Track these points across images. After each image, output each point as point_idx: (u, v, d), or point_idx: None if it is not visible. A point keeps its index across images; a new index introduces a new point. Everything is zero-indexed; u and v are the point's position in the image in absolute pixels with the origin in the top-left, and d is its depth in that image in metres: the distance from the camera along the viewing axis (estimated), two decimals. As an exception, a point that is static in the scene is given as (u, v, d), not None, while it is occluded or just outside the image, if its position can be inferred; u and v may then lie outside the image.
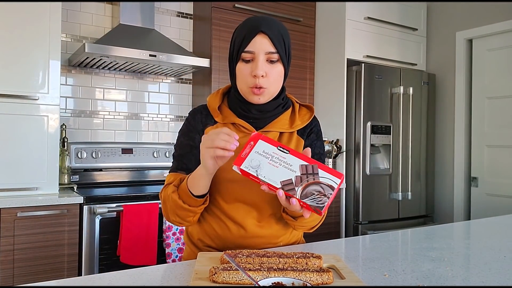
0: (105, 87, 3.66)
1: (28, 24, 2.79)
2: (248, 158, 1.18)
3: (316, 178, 1.14)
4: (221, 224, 1.45)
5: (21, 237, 2.63)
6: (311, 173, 1.15)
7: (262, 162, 1.17)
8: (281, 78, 1.45)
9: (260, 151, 1.19)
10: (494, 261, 1.40)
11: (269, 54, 1.38)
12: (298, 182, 1.14)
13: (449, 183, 4.33)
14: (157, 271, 1.21)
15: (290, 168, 1.16)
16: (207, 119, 1.51)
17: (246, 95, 1.43)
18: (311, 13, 4.25)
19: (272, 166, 1.17)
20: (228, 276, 1.04)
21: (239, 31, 1.43)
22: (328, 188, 1.13)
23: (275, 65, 1.40)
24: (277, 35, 1.39)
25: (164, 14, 3.90)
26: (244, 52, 1.39)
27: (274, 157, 1.18)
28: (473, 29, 4.13)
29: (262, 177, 1.16)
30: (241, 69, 1.41)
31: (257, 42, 1.38)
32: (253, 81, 1.38)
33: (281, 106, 1.50)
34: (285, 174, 1.16)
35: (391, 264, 1.33)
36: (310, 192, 1.13)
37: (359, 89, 3.89)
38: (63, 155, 3.25)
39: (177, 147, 1.54)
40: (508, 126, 3.89)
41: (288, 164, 1.17)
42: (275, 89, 1.44)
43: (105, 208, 2.83)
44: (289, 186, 1.14)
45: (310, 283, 1.03)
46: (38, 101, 2.83)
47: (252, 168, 1.17)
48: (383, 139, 3.96)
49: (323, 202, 1.12)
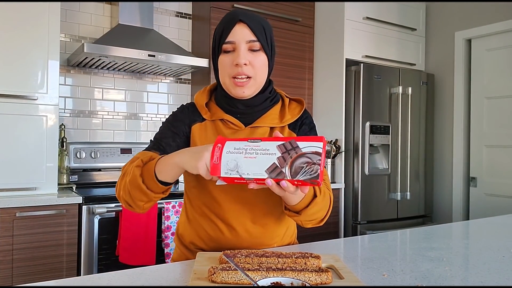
0: (104, 87, 3.66)
1: (27, 24, 2.79)
2: (223, 161, 1.08)
3: (299, 151, 1.04)
4: (213, 226, 1.42)
5: (20, 237, 2.63)
6: (292, 149, 1.05)
7: (239, 160, 1.07)
8: (266, 68, 1.40)
9: (231, 150, 1.08)
10: (493, 261, 1.40)
11: (250, 42, 1.35)
12: (282, 162, 1.05)
13: (448, 183, 4.34)
14: (156, 271, 1.21)
15: (268, 153, 1.06)
16: (194, 115, 1.47)
17: (230, 89, 1.39)
18: (310, 13, 4.25)
19: (250, 159, 1.06)
20: (227, 276, 1.04)
21: (219, 25, 1.40)
22: (315, 155, 1.04)
23: (257, 53, 1.37)
24: (256, 24, 1.36)
25: (163, 14, 3.90)
26: (225, 43, 1.35)
27: (248, 149, 1.08)
28: (472, 29, 4.13)
29: (246, 176, 1.06)
30: (222, 60, 1.38)
31: (237, 32, 1.35)
32: (235, 71, 1.34)
33: (269, 100, 1.46)
34: (266, 161, 1.06)
35: (390, 264, 1.33)
36: (298, 167, 1.04)
37: (358, 89, 3.89)
38: (62, 155, 3.25)
39: (158, 132, 1.48)
40: (507, 126, 3.90)
41: (265, 150, 1.07)
42: (260, 79, 1.39)
43: (104, 208, 2.83)
44: (275, 171, 1.05)
45: (309, 283, 1.03)
46: (37, 101, 2.83)
47: (232, 170, 1.07)
48: (382, 139, 3.97)
49: (315, 171, 1.03)
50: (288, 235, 1.56)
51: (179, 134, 1.44)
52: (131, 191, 1.29)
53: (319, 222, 1.39)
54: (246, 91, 1.37)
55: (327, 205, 1.36)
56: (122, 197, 1.34)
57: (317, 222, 1.38)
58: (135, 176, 1.27)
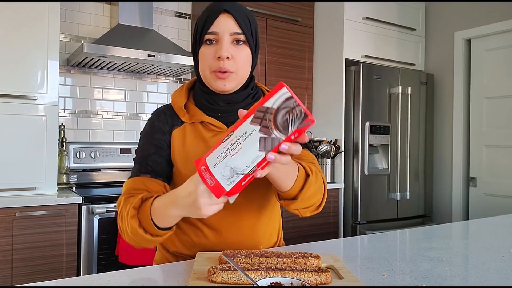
0: (104, 87, 3.66)
1: (26, 24, 2.79)
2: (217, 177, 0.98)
3: (272, 111, 0.95)
4: (197, 232, 1.37)
5: (19, 237, 2.63)
6: (264, 113, 0.96)
7: (229, 162, 0.97)
8: (249, 63, 1.33)
9: (216, 162, 0.99)
10: (493, 261, 1.40)
11: (235, 34, 1.27)
12: (267, 131, 0.96)
13: (448, 183, 4.34)
14: (155, 271, 1.21)
15: (248, 134, 0.97)
16: (173, 119, 1.38)
17: (210, 82, 1.30)
18: (310, 13, 4.25)
19: (238, 153, 0.97)
20: (227, 276, 1.04)
21: (201, 15, 1.32)
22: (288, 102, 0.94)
23: (241, 47, 1.29)
24: (242, 15, 1.29)
25: (162, 14, 3.90)
26: (207, 33, 1.27)
27: (229, 147, 0.98)
28: (471, 29, 4.13)
29: (247, 170, 0.97)
30: (203, 52, 1.30)
31: (221, 22, 1.27)
32: (217, 64, 1.26)
33: (250, 97, 1.38)
34: (253, 143, 0.96)
35: (390, 264, 1.33)
36: (283, 122, 0.95)
37: (357, 89, 3.89)
38: (61, 155, 3.25)
39: (139, 149, 1.38)
40: (506, 126, 3.90)
41: (243, 135, 0.97)
42: (243, 74, 1.31)
43: (103, 208, 2.83)
44: (268, 143, 0.96)
45: (308, 283, 1.03)
46: (37, 101, 2.83)
47: (231, 177, 0.98)
48: (382, 139, 3.97)
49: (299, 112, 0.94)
50: (273, 237, 1.50)
51: (162, 147, 1.35)
52: (137, 241, 1.21)
53: (316, 208, 1.32)
54: (227, 85, 1.29)
55: (322, 187, 1.30)
56: (130, 242, 1.26)
57: (315, 208, 1.32)
58: (134, 229, 1.18)
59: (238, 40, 1.28)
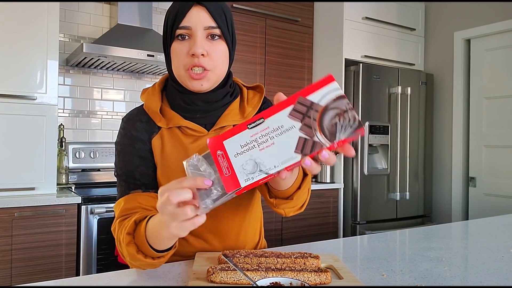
0: (103, 87, 3.65)
1: (26, 24, 2.79)
2: (237, 169, 0.82)
3: (318, 107, 0.80)
4: (181, 240, 1.30)
5: (19, 237, 2.63)
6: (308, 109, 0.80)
7: (255, 156, 0.81)
8: (226, 59, 1.22)
9: (238, 150, 0.82)
10: (492, 261, 1.40)
11: (209, 29, 1.16)
12: (309, 131, 0.80)
13: (447, 183, 4.34)
14: (154, 271, 1.21)
15: (284, 129, 0.81)
16: (150, 126, 1.27)
17: (185, 81, 1.20)
18: (309, 13, 4.26)
19: (268, 148, 0.81)
20: (226, 276, 1.04)
21: (172, 7, 1.20)
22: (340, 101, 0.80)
23: (216, 42, 1.18)
24: (216, 8, 1.18)
25: (162, 14, 3.90)
26: (179, 28, 1.16)
27: (258, 139, 0.82)
28: (471, 29, 4.14)
29: (273, 170, 0.81)
30: (176, 49, 1.18)
31: (193, 15, 1.15)
32: (191, 61, 1.16)
33: (229, 95, 1.29)
34: (290, 140, 0.81)
35: (389, 264, 1.33)
36: (331, 126, 0.79)
37: (357, 89, 3.90)
38: (61, 155, 3.24)
39: (121, 164, 1.25)
40: (506, 126, 3.90)
41: (278, 128, 0.81)
42: (220, 71, 1.21)
43: (103, 208, 2.83)
44: (308, 146, 0.80)
45: (308, 283, 1.03)
46: (36, 101, 2.82)
47: (252, 173, 0.81)
48: (381, 139, 3.97)
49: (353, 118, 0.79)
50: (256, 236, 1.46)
51: (147, 157, 1.25)
52: (140, 266, 1.12)
53: (300, 208, 1.25)
54: (204, 84, 1.19)
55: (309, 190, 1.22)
56: (133, 267, 1.16)
57: (299, 207, 1.25)
58: (134, 256, 1.08)
59: (213, 35, 1.18)
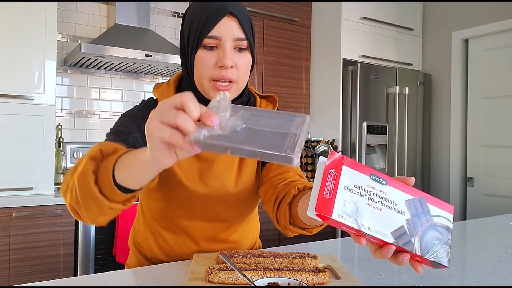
0: (101, 87, 3.65)
1: (23, 24, 2.78)
2: (338, 199, 0.75)
3: (430, 220, 0.79)
4: (179, 242, 1.32)
5: (16, 237, 2.63)
6: (422, 212, 0.79)
7: (360, 205, 0.76)
8: (249, 70, 1.20)
9: (350, 186, 0.77)
10: (490, 261, 1.40)
11: (238, 40, 1.13)
12: (412, 229, 0.77)
13: (445, 183, 4.34)
14: (152, 271, 1.21)
15: (396, 208, 0.78)
16: None
17: (208, 92, 1.16)
18: (307, 13, 4.26)
19: (374, 209, 0.76)
20: (224, 276, 1.04)
21: (199, 13, 1.15)
22: (446, 231, 0.79)
23: (243, 54, 1.16)
24: (245, 18, 1.15)
25: (159, 14, 3.90)
26: (208, 37, 1.12)
27: (372, 194, 0.77)
28: (469, 29, 4.14)
29: (365, 230, 0.75)
30: (202, 58, 1.14)
31: (225, 26, 1.12)
32: (219, 73, 1.12)
33: (244, 104, 1.27)
34: (394, 220, 0.77)
35: (387, 264, 1.33)
36: (430, 243, 0.77)
37: (355, 89, 3.90)
38: (58, 155, 3.24)
39: (119, 123, 1.21)
40: (504, 126, 3.90)
41: (392, 202, 0.78)
42: (243, 82, 1.19)
43: (101, 208, 2.82)
44: (403, 238, 0.77)
45: (306, 283, 1.03)
46: (34, 101, 2.82)
47: (349, 216, 0.75)
48: (379, 139, 3.97)
49: (446, 254, 0.78)
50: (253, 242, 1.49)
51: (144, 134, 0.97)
52: (80, 194, 0.91)
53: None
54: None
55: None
56: (69, 202, 0.96)
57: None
58: (85, 173, 0.89)
59: (241, 46, 1.15)
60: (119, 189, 0.87)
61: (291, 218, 1.15)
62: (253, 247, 1.48)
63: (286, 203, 1.14)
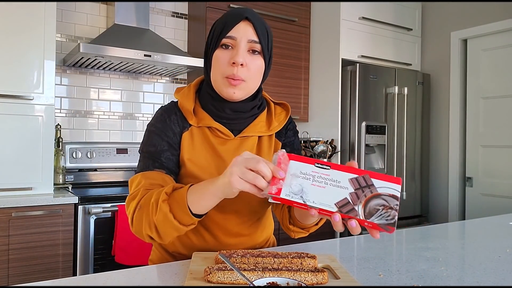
0: (100, 87, 3.65)
1: (23, 25, 2.78)
2: (286, 183, 0.99)
3: (374, 190, 0.97)
4: (198, 236, 1.38)
5: (16, 237, 2.63)
6: (366, 186, 0.97)
7: (304, 185, 0.99)
8: (261, 74, 1.33)
9: (297, 173, 1.00)
10: (489, 261, 1.40)
11: (252, 42, 1.27)
12: (355, 199, 0.97)
13: (444, 183, 4.35)
14: (151, 271, 1.21)
15: (339, 185, 0.98)
16: (182, 121, 1.36)
17: (220, 87, 1.29)
18: (306, 13, 4.26)
19: (318, 187, 0.99)
20: (223, 276, 1.04)
21: (221, 19, 1.32)
22: (392, 199, 0.96)
23: (256, 57, 1.29)
24: (261, 26, 1.29)
25: (159, 14, 3.90)
26: (225, 37, 1.27)
27: (316, 177, 1.00)
28: (468, 29, 4.14)
29: (310, 203, 0.98)
30: (218, 56, 1.29)
31: (241, 28, 1.26)
32: (231, 70, 1.25)
33: (256, 108, 1.39)
34: (337, 194, 0.98)
35: (386, 264, 1.33)
36: (373, 209, 0.95)
37: (353, 89, 3.90)
38: (58, 155, 3.24)
39: (150, 143, 1.33)
40: (503, 126, 3.91)
41: (335, 181, 0.99)
42: (253, 84, 1.31)
43: (100, 208, 2.83)
44: (347, 207, 0.97)
45: (305, 283, 1.03)
46: (33, 101, 2.82)
47: (295, 194, 0.98)
48: (378, 139, 3.97)
49: (392, 216, 0.94)
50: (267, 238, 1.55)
51: (174, 147, 1.33)
52: (161, 228, 1.16)
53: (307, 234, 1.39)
54: (236, 93, 1.28)
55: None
56: (146, 234, 1.20)
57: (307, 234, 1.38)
58: (164, 214, 1.13)
59: (254, 50, 1.28)
60: (194, 216, 1.13)
61: (291, 219, 1.32)
62: (267, 242, 1.55)
63: (286, 206, 1.28)
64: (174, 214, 1.13)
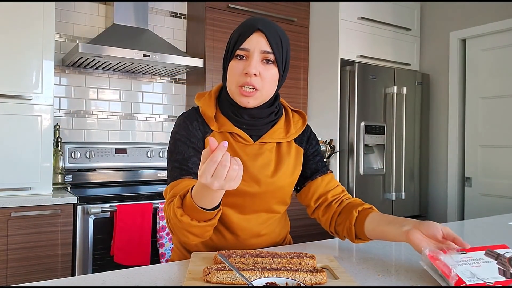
0: (99, 87, 3.65)
1: (21, 24, 2.78)
2: (458, 272, 1.10)
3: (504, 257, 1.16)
4: (219, 235, 1.43)
5: (14, 237, 2.62)
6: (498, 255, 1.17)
7: (469, 269, 1.12)
8: (275, 83, 1.38)
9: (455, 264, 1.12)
10: (487, 261, 1.40)
11: (265, 53, 1.32)
12: (504, 267, 1.13)
13: (443, 183, 4.35)
14: (150, 271, 1.21)
15: (484, 260, 1.15)
16: (204, 127, 1.42)
17: (235, 96, 1.36)
18: (305, 13, 4.26)
19: (477, 267, 1.13)
20: (222, 276, 1.04)
21: (236, 30, 1.37)
22: None
23: (269, 66, 1.34)
24: (274, 35, 1.34)
25: (157, 14, 3.90)
26: (239, 49, 1.33)
27: (468, 261, 1.15)
28: (466, 29, 4.15)
29: (488, 281, 1.10)
30: (233, 66, 1.35)
31: (253, 40, 1.32)
32: (244, 80, 1.32)
33: (273, 114, 1.45)
34: (490, 267, 1.13)
35: (385, 264, 1.33)
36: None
37: (352, 89, 3.90)
38: (56, 155, 3.24)
39: (176, 151, 1.38)
40: (501, 126, 3.91)
41: (480, 259, 1.16)
42: (267, 93, 1.37)
43: (98, 208, 2.82)
44: (507, 274, 1.12)
45: (303, 283, 1.03)
46: (32, 101, 2.82)
47: (472, 278, 1.09)
48: (377, 139, 3.97)
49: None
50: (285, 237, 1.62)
51: (200, 152, 1.36)
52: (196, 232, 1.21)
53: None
54: (251, 102, 1.34)
55: None
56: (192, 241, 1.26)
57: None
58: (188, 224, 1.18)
59: (268, 60, 1.34)
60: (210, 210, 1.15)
61: (357, 233, 1.40)
62: (284, 241, 1.61)
63: (352, 223, 1.39)
64: (197, 220, 1.17)
